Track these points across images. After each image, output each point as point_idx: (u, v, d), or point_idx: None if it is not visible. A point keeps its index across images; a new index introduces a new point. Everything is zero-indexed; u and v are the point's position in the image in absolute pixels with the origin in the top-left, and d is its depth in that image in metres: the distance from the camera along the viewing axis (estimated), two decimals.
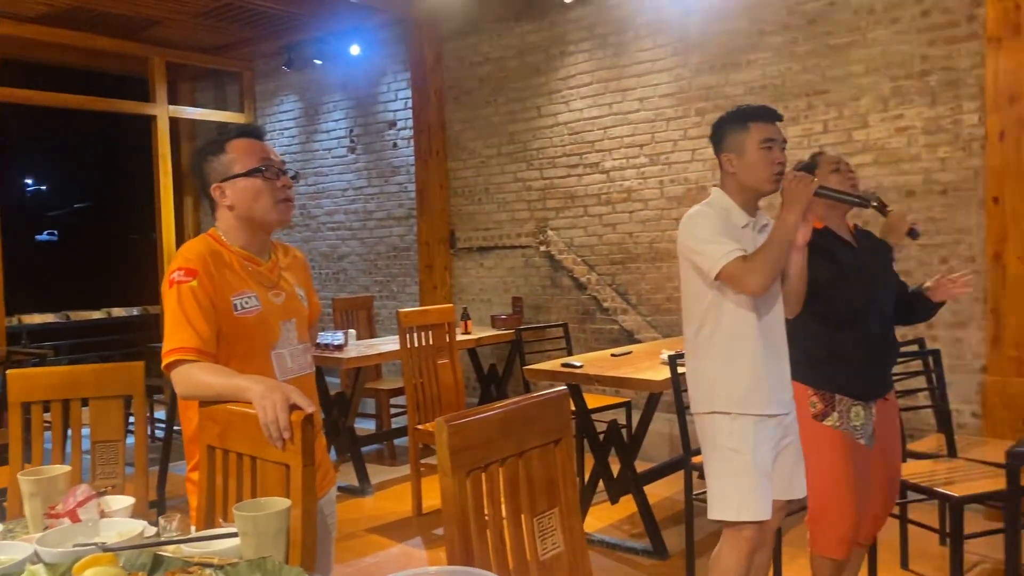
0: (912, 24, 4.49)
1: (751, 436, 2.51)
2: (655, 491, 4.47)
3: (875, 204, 2.82)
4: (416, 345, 4.63)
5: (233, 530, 1.59)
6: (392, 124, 7.15)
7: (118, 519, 1.74)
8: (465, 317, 5.74)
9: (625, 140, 5.69)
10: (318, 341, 5.03)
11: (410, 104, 6.82)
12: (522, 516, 1.72)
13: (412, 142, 6.81)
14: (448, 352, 4.80)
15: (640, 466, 4.21)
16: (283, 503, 1.62)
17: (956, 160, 4.40)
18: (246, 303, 2.00)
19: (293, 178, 2.15)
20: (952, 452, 3.53)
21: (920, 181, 4.52)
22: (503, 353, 6.10)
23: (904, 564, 3.63)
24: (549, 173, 6.09)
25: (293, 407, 1.70)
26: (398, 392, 5.62)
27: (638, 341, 5.50)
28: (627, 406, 4.86)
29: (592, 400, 4.73)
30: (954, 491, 3.02)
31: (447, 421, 1.57)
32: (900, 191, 4.56)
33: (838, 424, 2.80)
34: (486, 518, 1.63)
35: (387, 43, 7.04)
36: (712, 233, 2.49)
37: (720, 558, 2.61)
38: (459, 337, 5.38)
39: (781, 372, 2.61)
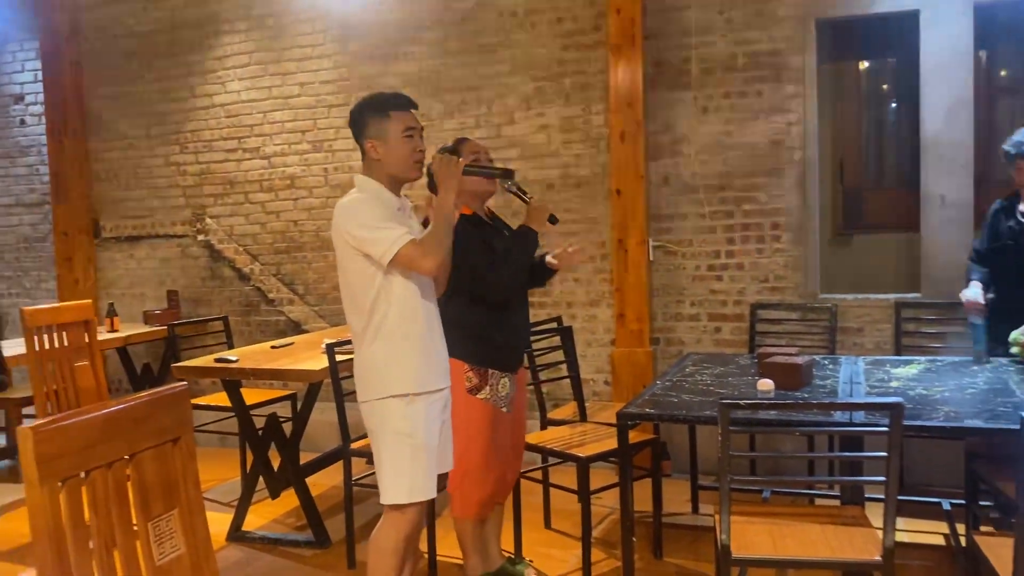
0: (549, 29, 4.90)
1: (423, 417, 2.56)
2: (321, 481, 4.45)
3: (514, 189, 3.04)
4: (47, 347, 4.13)
5: None
6: (19, 98, 6.30)
7: None
8: (111, 313, 5.24)
9: (287, 125, 5.56)
10: None
11: (41, 76, 6.06)
12: (134, 522, 1.61)
13: (44, 119, 6.06)
14: (88, 353, 4.35)
15: (307, 457, 4.17)
16: None
17: (588, 156, 4.89)
18: None
19: None
20: (584, 417, 3.93)
21: (558, 175, 4.95)
22: (160, 351, 5.68)
23: (547, 524, 3.98)
24: (205, 157, 5.76)
25: None
26: (32, 401, 4.98)
27: (306, 332, 5.42)
28: (293, 398, 4.77)
29: (256, 395, 4.59)
30: (581, 452, 3.36)
31: (34, 428, 1.41)
32: (542, 184, 4.96)
33: (489, 397, 3.01)
34: (88, 529, 1.50)
35: (9, 6, 6.18)
36: (378, 219, 2.50)
37: (380, 539, 2.62)
38: (104, 336, 4.93)
39: (442, 347, 2.71)
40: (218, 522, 4.06)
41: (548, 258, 3.17)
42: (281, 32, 5.51)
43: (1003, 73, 4.76)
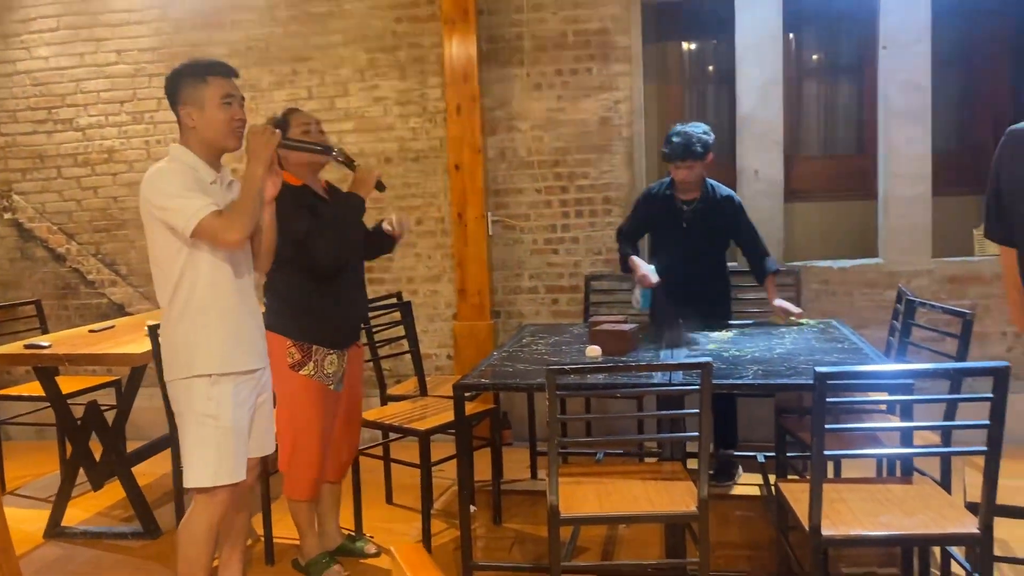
0: (382, 1, 4.82)
1: (230, 399, 2.49)
2: (149, 469, 4.23)
3: (341, 158, 2.98)
4: None
5: None
6: None
7: None
8: None
9: (103, 95, 5.20)
10: None
11: None
12: None
13: None
14: None
15: (134, 446, 3.98)
16: None
17: (425, 130, 4.87)
18: None
19: None
20: (424, 391, 3.95)
21: (396, 148, 4.91)
22: None
23: (389, 499, 3.99)
24: (10, 129, 5.31)
25: None
26: None
27: (131, 314, 5.13)
28: (116, 385, 4.51)
29: (75, 382, 4.31)
30: (421, 426, 3.38)
31: None
32: (379, 157, 4.91)
33: (313, 373, 2.96)
34: None
35: None
36: (182, 189, 2.40)
37: (191, 524, 2.54)
38: None
39: (257, 326, 2.63)
40: (35, 519, 3.82)
41: (384, 224, 3.16)
42: None
43: (815, 57, 5.12)
